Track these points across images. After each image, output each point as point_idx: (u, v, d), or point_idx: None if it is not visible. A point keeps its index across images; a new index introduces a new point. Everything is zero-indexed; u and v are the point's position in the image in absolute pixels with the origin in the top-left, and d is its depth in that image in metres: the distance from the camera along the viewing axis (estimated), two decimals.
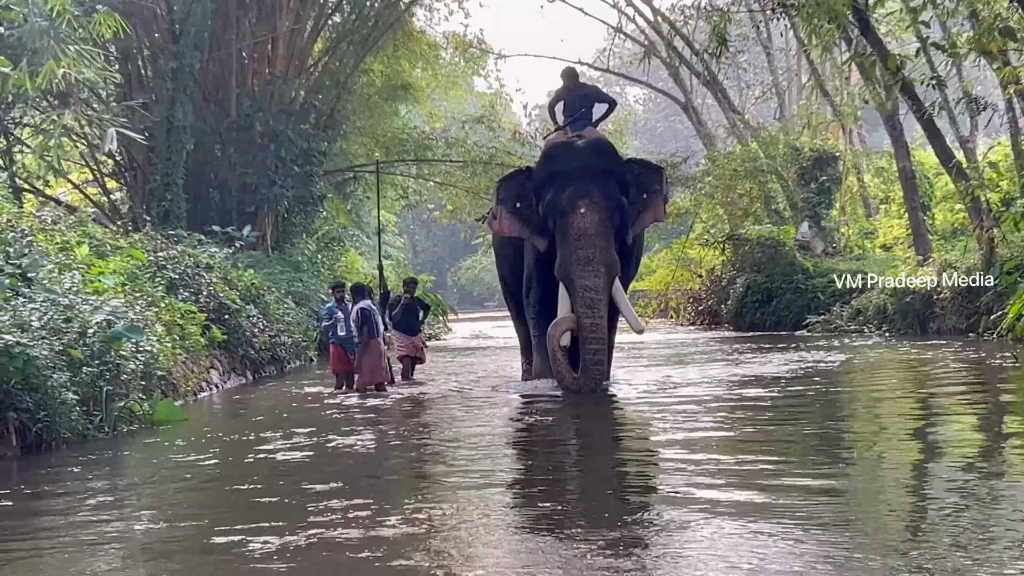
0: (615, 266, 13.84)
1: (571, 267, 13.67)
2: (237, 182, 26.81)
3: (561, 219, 13.88)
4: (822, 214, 31.61)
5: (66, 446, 10.54)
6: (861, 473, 8.04)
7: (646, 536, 6.09)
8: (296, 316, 22.63)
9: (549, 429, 11.67)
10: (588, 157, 14.16)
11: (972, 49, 16.91)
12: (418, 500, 7.43)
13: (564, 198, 13.85)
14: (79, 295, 12.55)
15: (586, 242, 13.64)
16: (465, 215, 38.10)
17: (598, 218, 13.72)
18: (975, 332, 20.13)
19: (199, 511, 7.53)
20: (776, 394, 13.19)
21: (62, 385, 10.71)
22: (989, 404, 11.78)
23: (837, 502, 6.78)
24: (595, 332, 13.49)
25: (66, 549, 6.41)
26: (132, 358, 12.49)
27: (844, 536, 5.84)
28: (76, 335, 11.66)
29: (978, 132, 30.19)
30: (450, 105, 44.55)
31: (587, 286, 13.57)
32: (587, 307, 13.52)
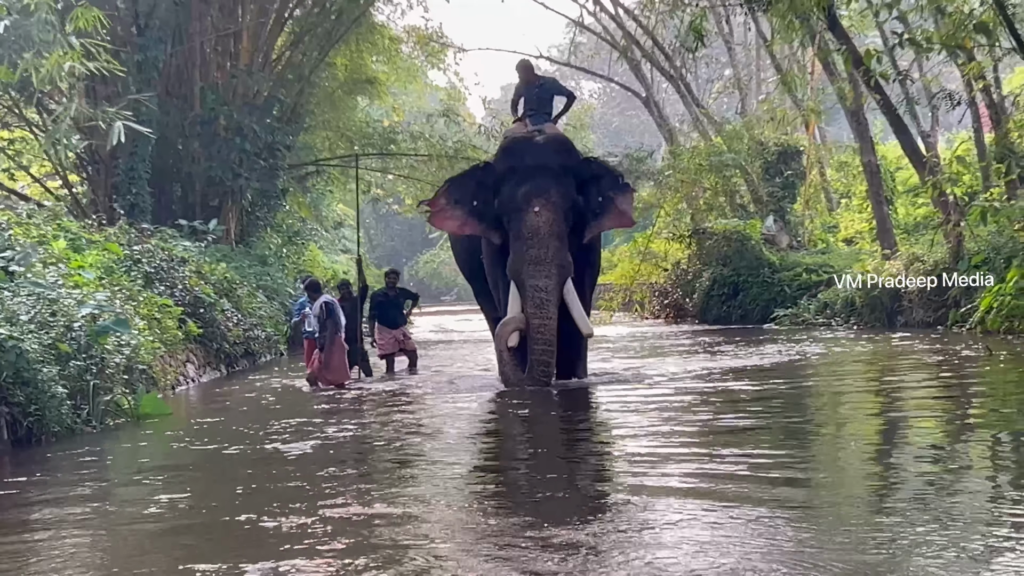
0: (568, 267, 13.58)
1: (522, 267, 13.47)
2: (201, 176, 26.65)
3: (515, 216, 13.66)
4: (787, 208, 31.79)
5: (55, 440, 10.53)
6: (831, 462, 8.24)
7: (615, 521, 6.23)
8: (268, 310, 22.55)
9: (518, 423, 11.68)
10: (546, 154, 13.97)
11: (945, 45, 17.06)
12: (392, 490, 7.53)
13: (519, 195, 13.63)
14: (63, 289, 12.50)
15: (538, 241, 13.40)
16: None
17: (552, 217, 13.48)
18: (943, 325, 20.32)
19: (204, 500, 7.59)
20: (761, 387, 13.21)
21: (51, 379, 10.68)
22: (962, 395, 11.88)
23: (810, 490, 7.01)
24: (543, 333, 13.28)
25: (84, 534, 6.46)
26: (116, 352, 12.47)
27: (808, 520, 6.04)
28: (63, 329, 11.62)
29: (938, 127, 30.53)
30: (409, 99, 44.49)
31: (537, 286, 13.34)
32: (536, 307, 13.29)
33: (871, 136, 27.49)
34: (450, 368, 17.94)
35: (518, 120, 15.28)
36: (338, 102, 33.05)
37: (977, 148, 24.97)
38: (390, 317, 17.06)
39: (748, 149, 31.29)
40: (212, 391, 16.19)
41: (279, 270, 27.02)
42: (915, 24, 24.35)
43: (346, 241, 49.03)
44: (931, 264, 21.28)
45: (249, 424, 11.56)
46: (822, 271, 26.64)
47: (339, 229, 48.41)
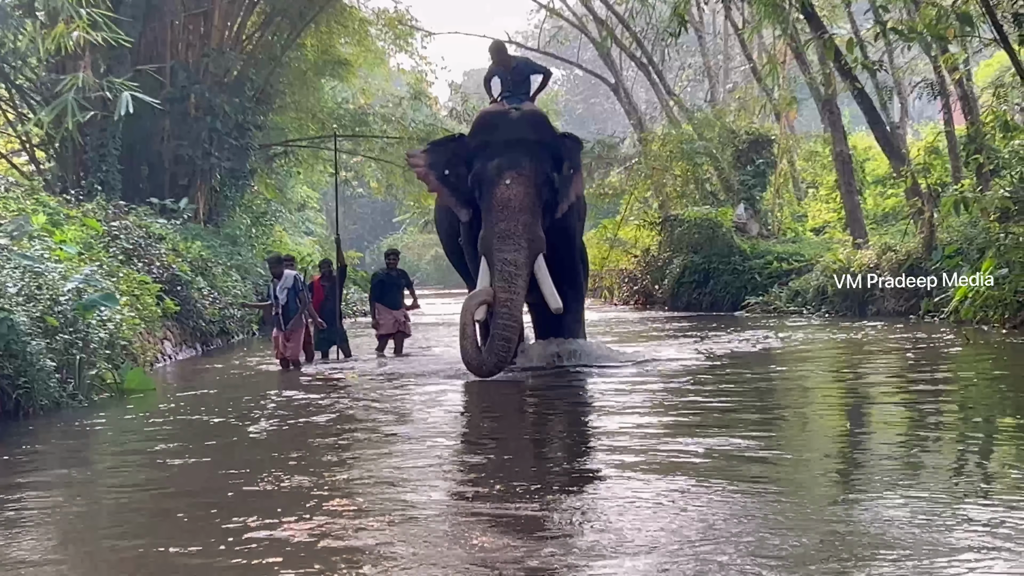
0: (539, 242, 13.22)
1: (492, 240, 13.12)
2: (170, 154, 26.47)
3: (486, 189, 13.35)
4: (757, 197, 31.94)
5: (43, 413, 10.48)
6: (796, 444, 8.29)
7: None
8: (242, 289, 22.48)
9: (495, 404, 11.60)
10: (521, 128, 13.63)
11: (929, 34, 17.15)
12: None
13: (491, 168, 13.32)
14: (49, 263, 12.42)
15: (509, 214, 13.09)
16: (397, 192, 38.04)
17: (523, 191, 13.16)
18: (915, 315, 20.48)
19: (192, 474, 7.52)
20: (749, 373, 13.22)
21: (40, 352, 10.62)
22: (944, 382, 11.94)
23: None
24: (508, 308, 12.85)
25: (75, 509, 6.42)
26: (100, 327, 12.40)
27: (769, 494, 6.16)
28: (49, 302, 11.54)
29: (908, 118, 30.76)
30: (376, 82, 44.34)
31: (506, 259, 12.97)
32: (504, 281, 12.91)
33: (843, 126, 27.65)
34: (435, 350, 17.83)
35: (494, 102, 14.87)
36: (309, 83, 32.86)
37: (948, 139, 25.11)
38: (390, 298, 16.80)
39: (719, 137, 31.40)
40: (191, 368, 16.15)
41: (248, 250, 26.92)
42: (887, 15, 24.57)
43: (309, 223, 48.91)
44: (904, 254, 21.44)
45: (234, 401, 11.57)
46: (793, 259, 26.82)
47: (303, 211, 48.27)
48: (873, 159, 34.02)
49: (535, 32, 67.13)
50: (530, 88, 15.05)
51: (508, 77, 14.71)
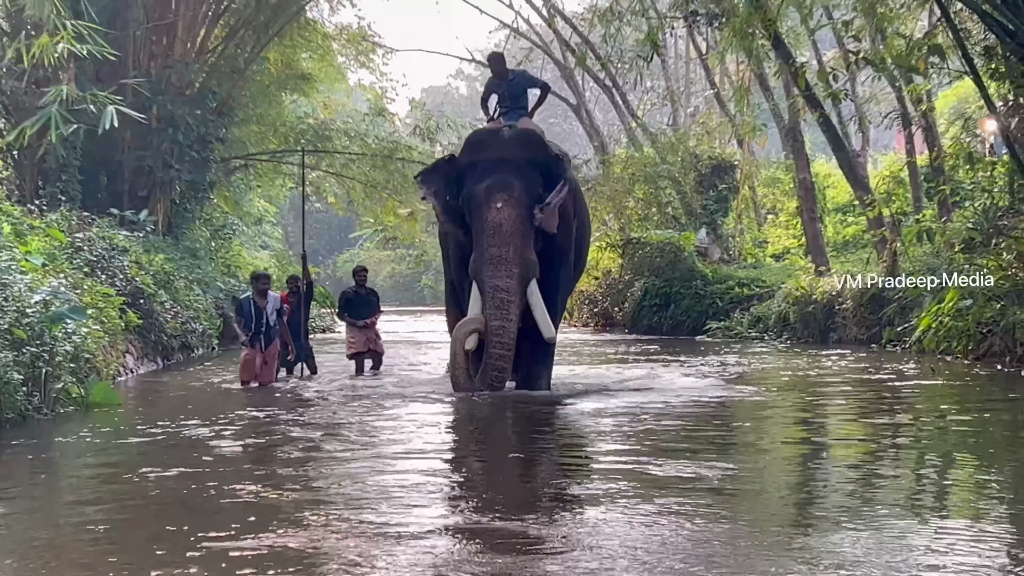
0: (531, 267, 12.92)
1: (483, 265, 12.83)
2: (131, 165, 26.19)
3: (476, 213, 13.03)
4: (718, 221, 32.05)
5: (9, 426, 10.35)
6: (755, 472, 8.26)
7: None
8: (203, 303, 22.28)
9: (473, 427, 11.51)
10: (512, 147, 13.30)
11: (898, 65, 17.27)
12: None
13: (481, 190, 12.99)
14: (18, 274, 12.24)
15: (500, 239, 12.77)
16: (357, 208, 37.92)
17: (515, 214, 12.82)
18: (877, 343, 20.58)
19: (159, 489, 7.40)
20: (728, 398, 13.16)
21: (7, 364, 10.48)
22: (908, 413, 11.96)
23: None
24: (501, 336, 12.56)
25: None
26: (66, 340, 12.24)
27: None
28: (16, 314, 11.38)
29: (868, 147, 30.96)
30: (336, 98, 44.17)
31: (498, 286, 12.68)
32: (496, 308, 12.62)
33: (806, 153, 27.80)
34: (403, 371, 17.60)
35: (492, 120, 14.44)
36: (271, 97, 32.67)
37: (909, 169, 25.29)
38: (359, 316, 16.68)
39: (682, 161, 31.50)
40: (155, 383, 15.98)
41: (208, 263, 26.72)
42: (857, 44, 24.77)
43: (266, 237, 48.57)
44: (866, 282, 21.54)
45: (202, 416, 11.39)
46: (754, 285, 26.91)
47: (260, 225, 47.96)
48: (833, 186, 34.27)
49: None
50: (527, 103, 14.69)
51: (505, 91, 14.31)
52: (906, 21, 20.30)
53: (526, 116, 14.29)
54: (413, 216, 35.92)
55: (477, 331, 12.69)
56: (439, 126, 34.48)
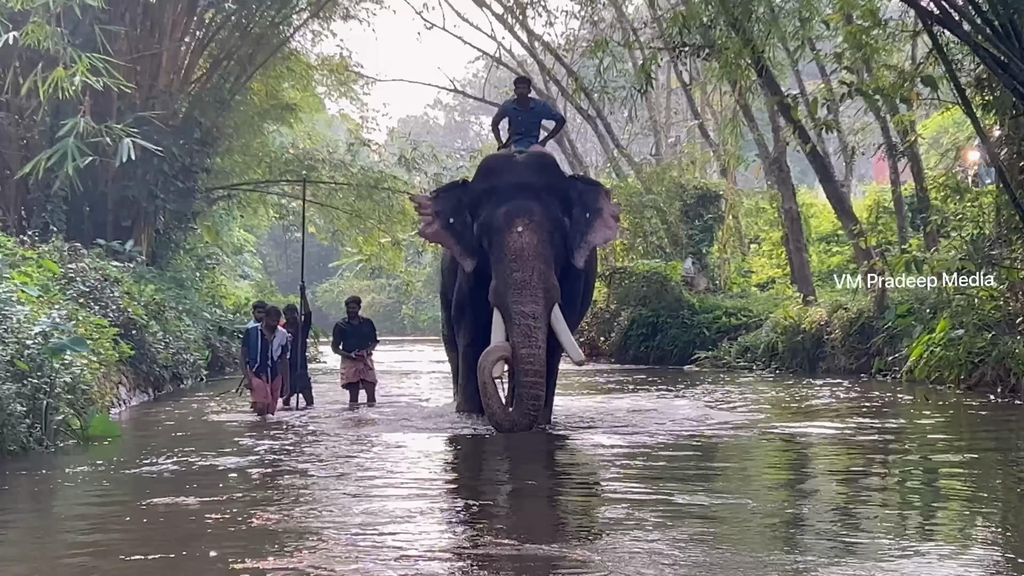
0: (555, 291, 12.58)
1: (507, 291, 12.44)
2: (115, 195, 26.09)
3: (496, 238, 12.74)
4: (704, 251, 32.15)
5: (11, 458, 10.29)
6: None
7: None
8: (194, 334, 22.20)
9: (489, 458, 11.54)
10: (528, 172, 13.08)
11: (890, 96, 17.35)
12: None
13: (500, 215, 12.75)
14: (18, 305, 12.19)
15: (523, 264, 12.44)
16: (342, 238, 37.91)
17: (536, 238, 12.54)
18: (866, 373, 20.63)
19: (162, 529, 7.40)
20: (734, 433, 12.99)
21: (10, 396, 10.43)
22: (911, 440, 12.03)
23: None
24: (532, 363, 12.14)
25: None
26: (65, 371, 12.18)
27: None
28: (17, 345, 11.32)
29: (852, 177, 31.13)
30: (318, 128, 44.16)
31: (524, 312, 12.28)
32: (524, 336, 12.21)
33: (792, 183, 27.92)
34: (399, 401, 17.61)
35: (503, 147, 14.17)
36: (255, 127, 32.65)
37: (895, 199, 25.44)
38: (353, 346, 16.62)
39: (667, 191, 31.59)
40: (149, 413, 15.92)
41: (194, 294, 26.63)
42: (839, 76, 24.89)
43: (246, 267, 48.46)
44: (855, 312, 21.62)
45: (202, 448, 11.42)
46: (741, 315, 26.96)
47: (240, 255, 47.84)
48: (815, 216, 34.44)
49: (473, 80, 67.62)
50: (539, 134, 14.44)
51: (522, 118, 14.00)
52: (892, 53, 20.39)
53: (537, 146, 14.00)
54: (398, 246, 35.93)
55: (503, 358, 12.41)
56: (424, 156, 34.45)
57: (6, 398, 10.34)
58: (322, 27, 33.52)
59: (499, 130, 14.55)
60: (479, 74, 68.05)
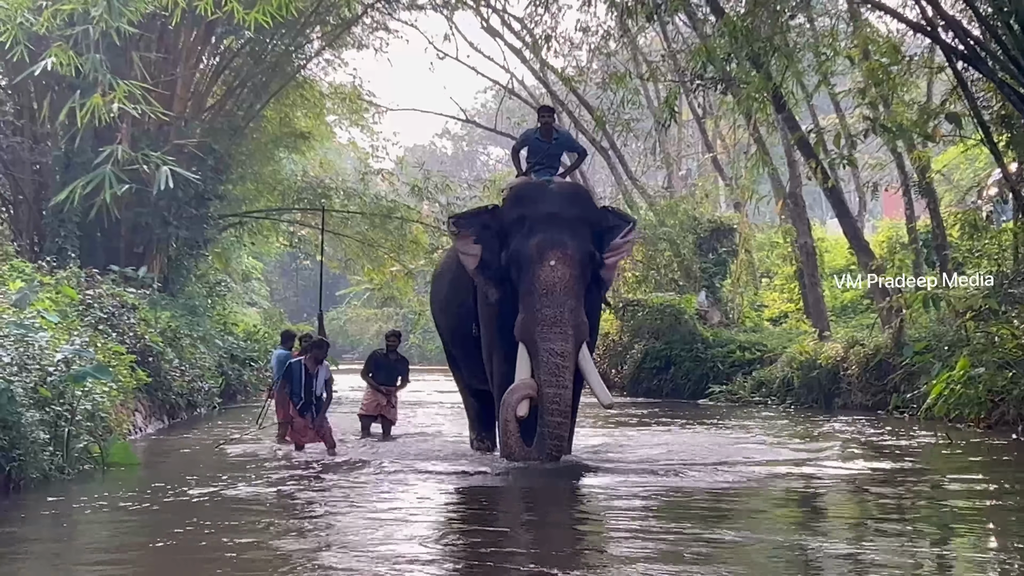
0: (584, 328, 12.20)
1: (535, 327, 11.97)
2: (128, 221, 26.05)
3: (527, 270, 12.25)
4: (717, 285, 32.08)
5: (33, 486, 10.28)
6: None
7: None
8: (209, 362, 22.17)
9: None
10: (562, 203, 12.60)
11: (913, 132, 17.35)
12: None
13: (532, 246, 12.24)
14: (43, 332, 12.14)
15: (553, 299, 11.98)
16: (354, 267, 37.90)
17: (569, 273, 12.09)
18: (883, 410, 20.46)
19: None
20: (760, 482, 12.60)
21: (34, 423, 10.40)
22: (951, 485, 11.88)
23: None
24: (558, 404, 11.76)
25: None
26: (85, 398, 12.15)
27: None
28: (40, 373, 11.29)
29: (865, 213, 31.11)
30: (329, 156, 44.20)
31: (553, 351, 11.82)
32: (552, 375, 11.78)
33: (807, 218, 27.87)
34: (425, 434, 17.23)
35: (522, 175, 13.59)
36: (268, 155, 32.66)
37: (909, 235, 25.38)
38: (384, 381, 16.43)
39: (681, 224, 31.54)
40: (166, 442, 15.88)
41: (206, 321, 26.58)
42: (858, 112, 24.92)
43: (253, 294, 48.46)
44: (872, 348, 21.51)
45: (222, 477, 11.49)
46: (756, 349, 26.83)
47: (248, 281, 47.84)
48: (828, 251, 34.37)
49: (482, 110, 67.73)
50: (560, 165, 14.12)
51: (545, 148, 13.50)
52: (910, 88, 20.39)
53: (558, 176, 13.62)
54: (409, 275, 35.88)
55: (528, 397, 11.95)
56: (437, 185, 34.42)
57: (29, 425, 10.31)
58: (335, 56, 33.58)
59: (519, 158, 13.90)
60: (488, 104, 68.28)
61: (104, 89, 17.76)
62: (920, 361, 19.57)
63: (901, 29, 21.42)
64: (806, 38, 21.38)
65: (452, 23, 38.30)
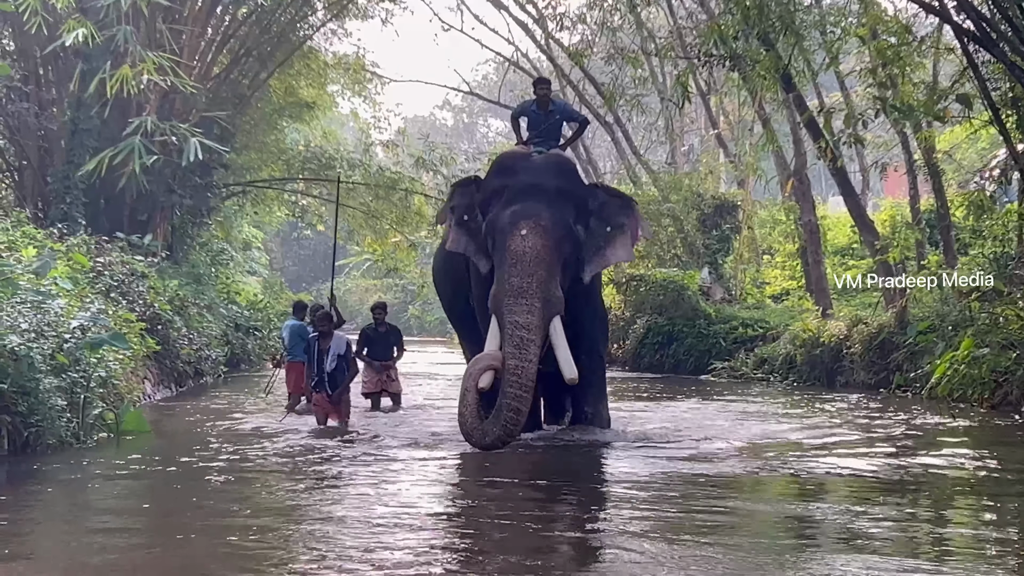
0: (556, 302, 11.74)
1: (503, 298, 11.66)
2: (132, 189, 26.01)
3: (500, 240, 11.95)
4: (720, 261, 32.14)
5: (50, 451, 10.37)
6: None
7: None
8: (216, 330, 22.25)
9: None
10: (543, 174, 12.28)
11: (922, 113, 17.39)
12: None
13: (506, 216, 11.96)
14: (59, 299, 12.24)
15: (522, 269, 11.59)
16: (357, 238, 37.94)
17: (541, 243, 11.66)
18: (885, 388, 20.51)
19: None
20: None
21: (52, 390, 10.50)
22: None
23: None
24: (519, 376, 11.27)
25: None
26: (99, 365, 12.22)
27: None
28: (56, 340, 11.37)
29: (868, 192, 31.15)
30: (331, 127, 44.14)
31: (517, 323, 11.46)
32: (514, 347, 11.40)
33: (812, 196, 27.93)
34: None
35: (522, 143, 13.29)
36: (272, 124, 32.67)
37: (912, 214, 25.44)
38: (378, 355, 16.11)
39: (685, 200, 31.57)
40: (174, 409, 15.93)
41: (211, 289, 26.66)
42: (855, 88, 25.01)
43: (254, 263, 48.45)
44: (875, 327, 21.58)
45: (235, 445, 11.70)
46: (758, 326, 26.88)
47: (248, 251, 47.84)
48: (830, 229, 34.43)
49: (482, 82, 67.62)
50: (561, 136, 13.71)
51: (542, 119, 13.19)
52: (916, 69, 20.41)
53: (558, 149, 13.32)
54: (412, 246, 35.91)
55: (492, 368, 11.55)
56: (442, 158, 34.41)
57: (47, 392, 10.39)
58: (339, 26, 33.54)
59: (519, 126, 13.48)
60: (489, 76, 68.19)
61: (135, 60, 17.78)
62: (924, 341, 19.67)
63: (910, 8, 21.49)
64: (812, 16, 21.41)
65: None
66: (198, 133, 20.14)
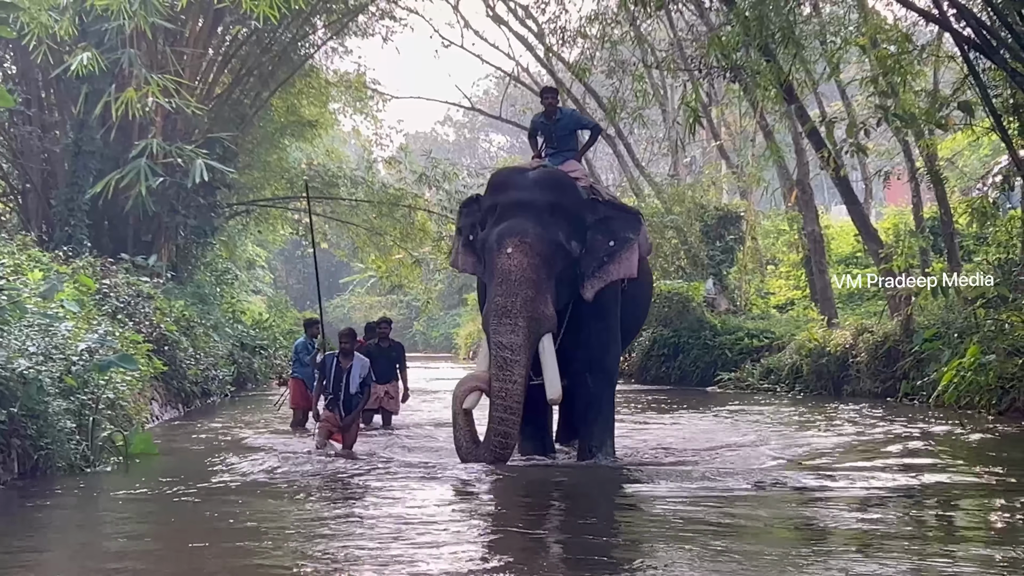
0: (543, 321, 11.45)
1: (489, 317, 11.55)
2: (136, 210, 26.04)
3: (488, 259, 11.83)
4: (724, 272, 32.14)
5: (60, 474, 10.38)
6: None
7: None
8: (222, 350, 22.27)
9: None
10: (534, 190, 11.90)
11: (924, 121, 17.43)
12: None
13: (494, 235, 11.74)
14: (67, 322, 12.25)
15: (507, 288, 11.37)
16: (362, 255, 37.96)
17: (527, 262, 11.39)
18: (892, 397, 20.56)
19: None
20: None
21: (61, 413, 10.52)
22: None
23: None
24: (504, 399, 11.20)
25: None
26: (107, 387, 12.23)
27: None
28: (64, 362, 11.39)
29: (871, 200, 31.17)
30: (334, 144, 44.16)
31: (501, 343, 11.30)
32: (498, 368, 11.27)
33: (815, 206, 27.96)
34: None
35: (537, 158, 12.98)
36: (275, 143, 32.71)
37: (916, 222, 25.47)
38: (380, 371, 15.54)
39: (688, 212, 31.58)
40: (181, 431, 15.90)
41: (216, 309, 26.66)
42: (856, 97, 25.04)
43: (258, 282, 48.48)
44: (881, 336, 21.59)
45: (243, 467, 11.68)
46: (764, 336, 26.89)
47: (252, 269, 47.86)
48: (833, 238, 34.45)
49: (483, 97, 67.72)
50: (576, 145, 13.34)
51: (550, 129, 12.97)
52: (917, 77, 20.44)
53: (573, 159, 12.96)
54: (416, 263, 35.89)
55: (477, 390, 11.49)
56: (444, 173, 34.38)
57: (56, 415, 10.40)
58: (339, 44, 33.60)
59: (536, 140, 13.25)
60: (490, 91, 68.26)
61: (140, 83, 17.85)
62: (930, 348, 19.71)
63: (909, 17, 21.52)
64: (812, 26, 21.47)
65: (458, 12, 38.38)
66: (202, 154, 20.09)
